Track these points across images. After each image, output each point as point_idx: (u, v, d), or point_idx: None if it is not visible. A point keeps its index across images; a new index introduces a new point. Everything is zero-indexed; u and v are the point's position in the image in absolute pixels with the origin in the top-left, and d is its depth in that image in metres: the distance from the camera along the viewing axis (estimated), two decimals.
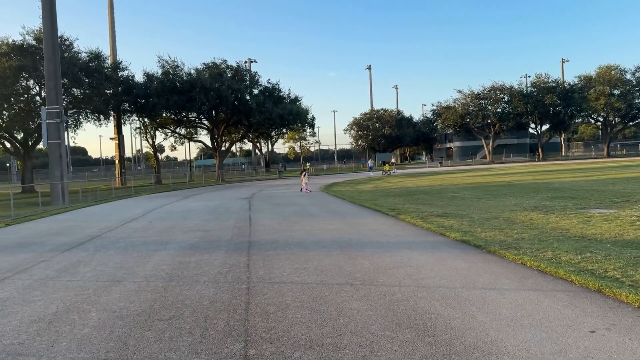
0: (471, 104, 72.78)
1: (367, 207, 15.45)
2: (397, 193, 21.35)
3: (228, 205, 18.63)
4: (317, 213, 14.52)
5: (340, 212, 14.65)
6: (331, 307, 4.93)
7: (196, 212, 16.55)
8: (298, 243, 9.10)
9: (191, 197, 24.91)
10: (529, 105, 68.16)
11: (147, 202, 22.98)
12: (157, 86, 42.59)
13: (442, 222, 10.90)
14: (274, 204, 18.36)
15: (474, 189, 21.38)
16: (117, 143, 50.98)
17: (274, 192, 26.84)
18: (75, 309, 5.31)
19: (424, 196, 18.78)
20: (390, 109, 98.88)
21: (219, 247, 9.03)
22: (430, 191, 21.29)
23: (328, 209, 15.82)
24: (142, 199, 25.81)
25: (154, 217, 15.45)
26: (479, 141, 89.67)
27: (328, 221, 12.35)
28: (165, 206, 19.70)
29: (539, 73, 74.07)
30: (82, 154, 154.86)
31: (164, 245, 9.44)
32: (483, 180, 27.91)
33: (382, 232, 10.13)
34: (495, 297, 5.09)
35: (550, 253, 6.99)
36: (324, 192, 25.14)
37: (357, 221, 12.15)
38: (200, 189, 33.98)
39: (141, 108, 44.11)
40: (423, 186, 25.23)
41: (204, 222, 13.15)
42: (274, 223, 12.43)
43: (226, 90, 41.86)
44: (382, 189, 24.80)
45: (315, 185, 31.62)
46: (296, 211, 15.38)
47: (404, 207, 14.75)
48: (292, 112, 45.10)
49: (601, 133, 79.07)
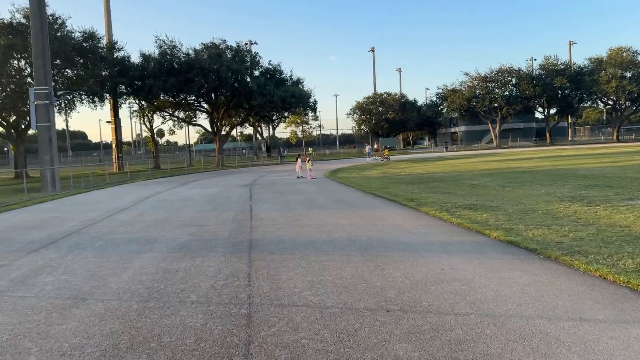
0: (478, 87, 70.80)
1: (380, 197, 13.96)
2: (409, 180, 19.85)
3: (227, 194, 17.17)
4: (325, 204, 13.04)
5: (351, 202, 13.17)
6: (367, 354, 3.47)
7: (192, 201, 15.09)
8: (308, 243, 7.64)
9: (189, 184, 23.45)
10: (537, 88, 66.17)
11: (141, 189, 21.53)
12: (154, 67, 40.82)
13: (472, 215, 9.43)
14: (276, 192, 16.90)
15: (493, 175, 19.88)
16: (113, 127, 49.39)
17: (276, 178, 25.37)
18: (9, 348, 3.86)
19: (441, 184, 17.29)
20: (394, 93, 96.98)
21: (215, 247, 7.57)
22: (446, 178, 19.79)
23: (336, 198, 14.35)
24: (137, 185, 24.37)
25: (146, 207, 13.99)
26: (485, 126, 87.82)
27: (340, 214, 10.89)
28: (159, 194, 18.25)
29: (547, 55, 71.93)
30: (82, 138, 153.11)
31: (150, 245, 7.99)
32: (498, 166, 26.36)
33: (406, 229, 8.66)
34: (595, 336, 3.63)
35: (630, 261, 5.53)
36: (330, 178, 23.66)
37: (373, 214, 10.68)
38: (199, 175, 32.52)
39: (137, 90, 42.38)
40: (435, 172, 23.72)
41: (199, 214, 11.70)
42: (278, 215, 10.97)
43: (226, 72, 40.07)
44: (392, 176, 23.30)
45: (320, 171, 30.13)
46: (302, 201, 13.91)
47: (421, 196, 13.27)
48: (295, 95, 43.33)
49: (610, 117, 77.17)
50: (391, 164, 37.16)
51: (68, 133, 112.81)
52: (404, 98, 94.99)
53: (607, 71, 65.01)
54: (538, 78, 68.79)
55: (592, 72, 67.21)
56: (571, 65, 70.92)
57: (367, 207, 11.83)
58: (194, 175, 32.11)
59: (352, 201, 13.36)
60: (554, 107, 72.88)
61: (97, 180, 28.94)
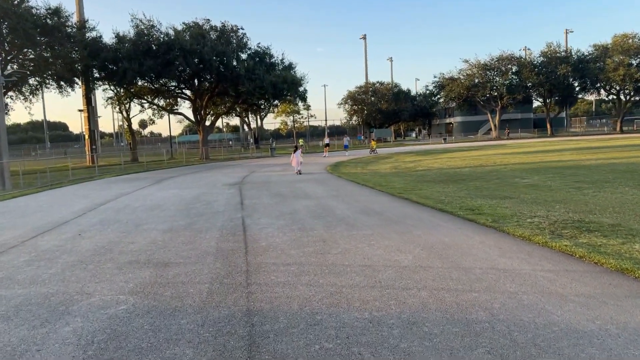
0: (477, 75, 67.23)
1: (421, 205, 10.12)
2: (436, 178, 16.08)
3: (210, 198, 13.19)
4: (350, 216, 9.14)
5: (385, 214, 9.29)
6: None
7: (161, 210, 11.09)
8: (367, 329, 3.76)
9: (164, 182, 19.38)
10: (541, 76, 62.81)
11: (104, 189, 17.43)
12: (129, 49, 36.32)
13: (617, 247, 5.66)
14: (275, 195, 12.97)
15: (539, 172, 16.20)
16: (86, 115, 44.73)
17: (270, 174, 21.41)
18: None
19: (483, 183, 13.55)
20: (386, 82, 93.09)
21: (177, 341, 3.65)
22: (482, 175, 16.05)
23: (361, 206, 10.46)
24: (102, 183, 20.21)
25: (93, 220, 9.97)
26: (481, 116, 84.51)
27: (384, 238, 7.01)
28: (123, 197, 14.20)
29: (549, 42, 68.45)
30: (62, 130, 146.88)
31: (51, 325, 4.05)
32: (528, 159, 22.67)
33: (543, 289, 4.82)
34: None
35: None
36: (334, 174, 19.80)
37: (439, 239, 6.81)
38: (179, 170, 28.38)
39: (111, 75, 37.88)
40: (459, 167, 19.97)
41: (165, 237, 7.75)
42: (288, 241, 7.06)
43: (209, 53, 35.76)
44: (408, 172, 19.50)
45: (319, 166, 26.25)
46: (314, 210, 10.01)
47: (481, 205, 9.50)
48: (287, 80, 39.16)
49: (613, 107, 74.22)
50: (394, 157, 33.38)
51: (46, 124, 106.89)
52: (397, 87, 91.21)
53: (614, 58, 61.85)
54: (541, 66, 65.44)
55: (596, 59, 64.03)
56: (576, 52, 67.26)
57: (416, 224, 7.97)
58: (174, 170, 27.97)
59: (385, 211, 9.49)
60: (556, 97, 69.63)
61: (58, 176, 24.70)
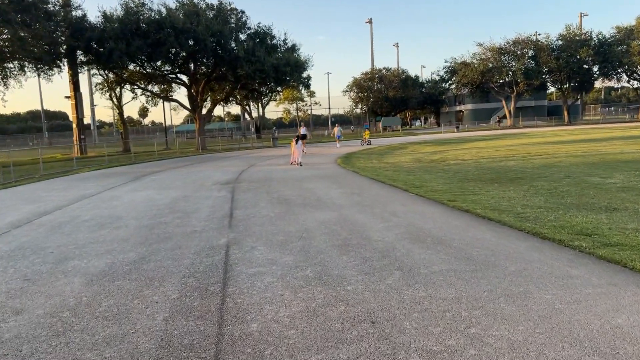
0: (492, 60, 63.36)
1: (491, 220, 6.77)
2: (478, 175, 12.70)
3: (190, 205, 9.85)
4: (396, 246, 5.74)
5: (447, 239, 5.92)
6: None
7: (114, 227, 7.76)
8: None
9: (144, 179, 16.05)
10: (561, 61, 58.92)
11: (67, 188, 14.13)
12: (116, 28, 32.75)
13: None
14: (277, 202, 9.62)
15: (607, 167, 12.82)
16: (73, 102, 41.23)
17: (272, 169, 18.06)
18: None
19: (550, 184, 10.19)
20: (393, 69, 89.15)
21: None
22: (540, 172, 12.65)
23: (402, 223, 7.08)
24: (71, 180, 16.89)
25: (4, 249, 6.66)
26: (494, 103, 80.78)
27: (492, 317, 3.64)
28: (78, 202, 10.88)
29: (568, 24, 64.38)
30: (62, 119, 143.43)
31: None
32: (575, 149, 19.17)
33: None
34: None
35: None
36: (347, 168, 16.45)
37: (619, 330, 3.46)
38: (169, 162, 25.06)
39: (97, 56, 34.40)
40: (495, 160, 16.54)
41: (81, 299, 4.42)
42: (301, 317, 3.71)
43: (204, 33, 32.19)
44: (434, 165, 16.08)
45: (327, 157, 22.89)
46: (335, 232, 6.63)
47: (576, 219, 6.33)
48: (290, 63, 35.56)
49: (636, 93, 70.29)
50: (409, 147, 29.99)
51: (43, 113, 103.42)
52: (405, 74, 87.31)
53: (639, 41, 57.85)
54: (559, 49, 61.52)
55: (619, 42, 60.05)
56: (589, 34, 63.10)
57: (532, 276, 4.59)
58: (163, 163, 24.63)
59: (449, 236, 6.11)
60: (573, 82, 65.76)
61: (29, 170, 21.44)
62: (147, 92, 43.57)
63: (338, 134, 35.05)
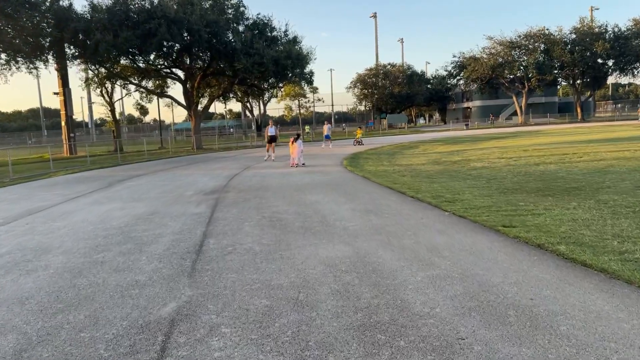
0: (502, 54, 60.67)
1: (600, 271, 4.30)
2: (518, 183, 10.20)
3: (152, 229, 7.39)
4: (462, 334, 3.32)
5: (543, 315, 3.47)
6: None
7: (26, 273, 5.32)
8: None
9: (115, 186, 13.62)
10: (576, 54, 56.20)
11: (20, 199, 11.72)
12: (103, 18, 30.31)
13: None
14: (269, 224, 7.15)
15: None
16: (62, 99, 38.92)
17: (268, 172, 15.62)
18: None
19: (628, 199, 7.68)
20: (398, 64, 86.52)
21: None
22: (600, 181, 10.13)
23: (456, 270, 4.63)
24: (32, 188, 14.46)
25: None
26: (502, 100, 78.12)
27: None
28: (16, 221, 8.45)
29: (582, 16, 61.56)
30: None
31: None
32: (615, 151, 16.63)
33: None
34: None
35: None
36: (356, 172, 14.01)
37: None
38: (156, 164, 22.64)
39: (83, 49, 31.97)
40: (530, 163, 14.02)
41: None
42: None
43: (198, 23, 29.73)
44: (458, 169, 13.60)
45: (331, 158, 20.46)
46: (352, 293, 4.17)
47: None
48: (291, 56, 33.04)
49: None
50: (420, 147, 27.55)
51: (42, 110, 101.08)
52: (411, 69, 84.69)
53: None
54: (573, 43, 58.78)
55: (637, 35, 57.28)
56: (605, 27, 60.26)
57: None
58: (149, 165, 22.21)
59: (561, 315, 3.67)
60: (587, 78, 63.00)
61: (6, 172, 19.17)
62: (141, 87, 41.13)
63: (327, 133, 30.61)
